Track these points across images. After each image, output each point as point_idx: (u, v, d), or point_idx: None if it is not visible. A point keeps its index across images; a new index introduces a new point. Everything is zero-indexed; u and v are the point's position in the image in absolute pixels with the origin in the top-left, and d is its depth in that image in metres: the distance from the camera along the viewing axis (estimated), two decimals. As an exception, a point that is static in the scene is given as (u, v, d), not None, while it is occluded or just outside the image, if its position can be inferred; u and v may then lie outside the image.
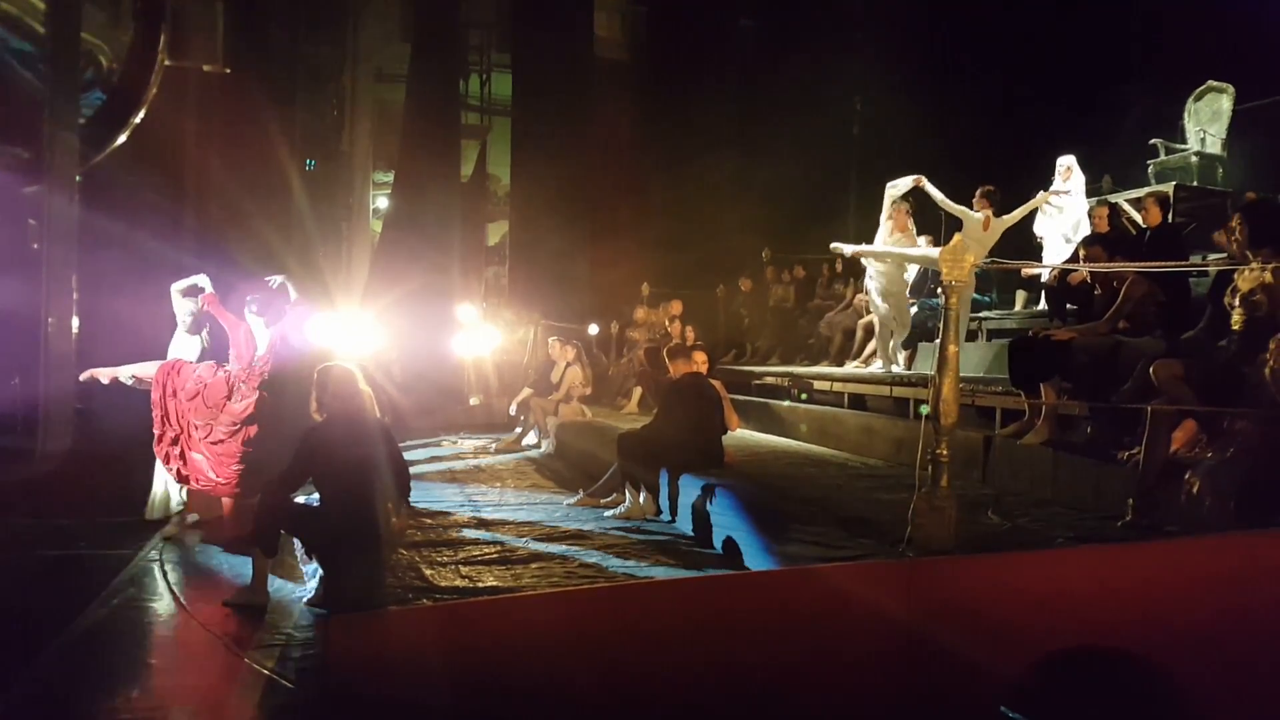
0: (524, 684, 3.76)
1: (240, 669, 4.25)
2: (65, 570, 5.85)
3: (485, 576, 4.69)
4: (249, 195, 10.15)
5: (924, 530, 4.25)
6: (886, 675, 3.97)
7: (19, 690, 3.98)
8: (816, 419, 8.44)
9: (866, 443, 7.44)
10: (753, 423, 9.05)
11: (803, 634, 3.98)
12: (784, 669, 3.92)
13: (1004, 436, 6.03)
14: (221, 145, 10.06)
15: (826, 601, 4.09)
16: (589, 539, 5.56)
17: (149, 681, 4.18)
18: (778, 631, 3.99)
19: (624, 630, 3.97)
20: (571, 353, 10.49)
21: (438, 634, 3.92)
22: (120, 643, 4.62)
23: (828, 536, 4.65)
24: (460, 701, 3.70)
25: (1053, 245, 8.75)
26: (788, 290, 12.58)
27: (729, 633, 3.98)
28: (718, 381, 6.96)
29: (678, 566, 4.93)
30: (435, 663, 3.81)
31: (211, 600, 5.21)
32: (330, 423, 5.21)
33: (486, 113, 22.17)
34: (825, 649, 3.97)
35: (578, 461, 8.73)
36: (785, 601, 4.13)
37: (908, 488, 4.60)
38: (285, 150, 12.09)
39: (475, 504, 6.78)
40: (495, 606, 4.15)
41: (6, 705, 3.83)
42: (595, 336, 13.08)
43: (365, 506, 4.97)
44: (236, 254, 9.55)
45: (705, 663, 3.88)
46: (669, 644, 3.93)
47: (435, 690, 3.73)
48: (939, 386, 4.32)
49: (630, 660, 3.89)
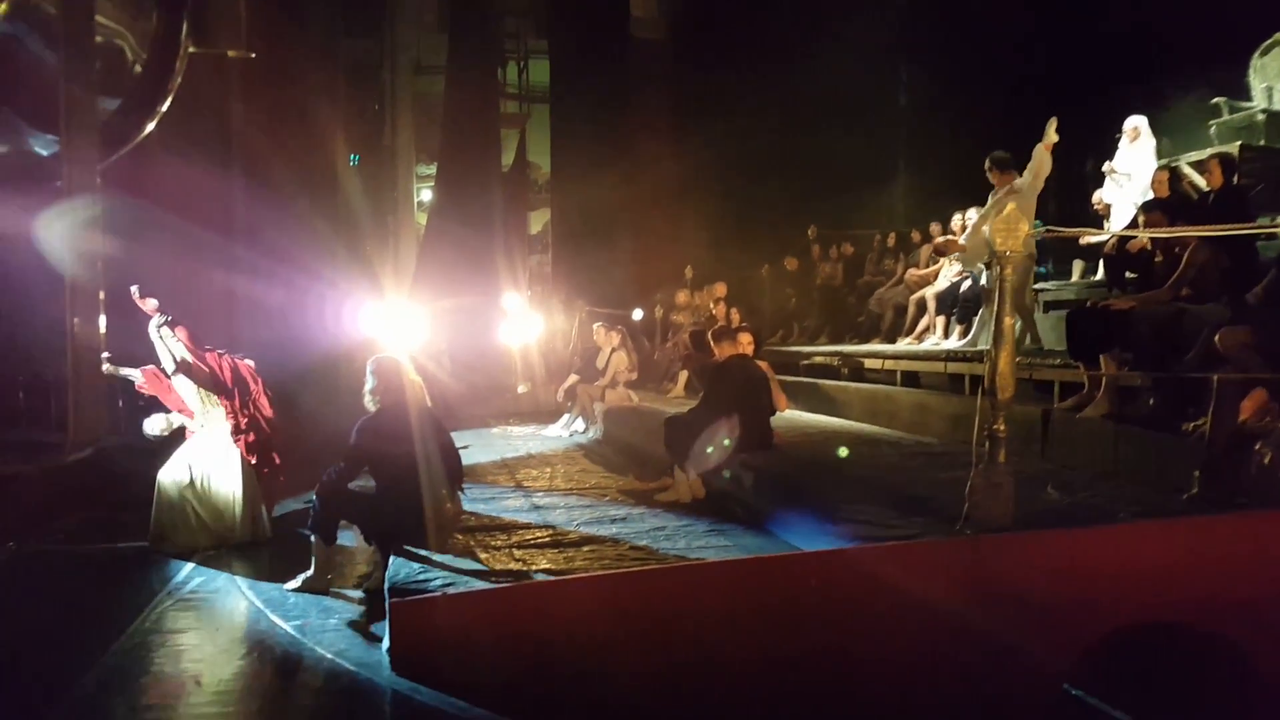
0: (578, 665, 3.78)
1: (304, 653, 4.33)
2: (138, 562, 6.02)
3: (538, 560, 4.71)
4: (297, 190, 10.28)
5: (982, 507, 4.17)
6: (945, 655, 3.91)
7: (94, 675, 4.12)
8: (868, 398, 8.34)
9: (920, 420, 7.33)
10: (802, 403, 8.97)
11: (858, 615, 3.94)
12: (839, 650, 3.89)
13: (1063, 410, 5.90)
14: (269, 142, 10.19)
15: (882, 582, 4.04)
16: (638, 522, 5.55)
17: (216, 666, 4.27)
18: (832, 612, 3.95)
19: (676, 611, 3.96)
20: (616, 338, 10.48)
21: (495, 616, 3.95)
22: (188, 630, 4.75)
23: (882, 516, 4.58)
24: (517, 682, 3.73)
25: (1121, 213, 8.47)
26: (835, 268, 12.43)
27: (781, 614, 3.95)
28: (764, 362, 6.90)
29: (728, 549, 4.90)
30: (493, 644, 3.84)
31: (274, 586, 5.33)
32: (383, 413, 5.29)
33: (525, 101, 22.21)
34: (881, 630, 3.93)
35: (625, 446, 8.73)
36: (839, 582, 4.09)
37: (964, 465, 4.51)
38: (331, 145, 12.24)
39: (526, 489, 6.81)
40: (550, 589, 4.16)
41: (82, 690, 3.95)
42: (639, 321, 13.05)
43: (418, 493, 5.04)
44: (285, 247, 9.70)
45: (758, 643, 3.86)
46: (721, 625, 3.92)
47: (493, 671, 3.76)
48: (995, 360, 4.23)
49: (683, 641, 3.88)
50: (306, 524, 5.32)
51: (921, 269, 10.09)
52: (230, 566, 5.91)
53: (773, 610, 3.93)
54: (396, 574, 4.48)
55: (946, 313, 9.00)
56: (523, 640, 3.86)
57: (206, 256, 9.36)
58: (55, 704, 3.80)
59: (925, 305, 9.41)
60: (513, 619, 3.94)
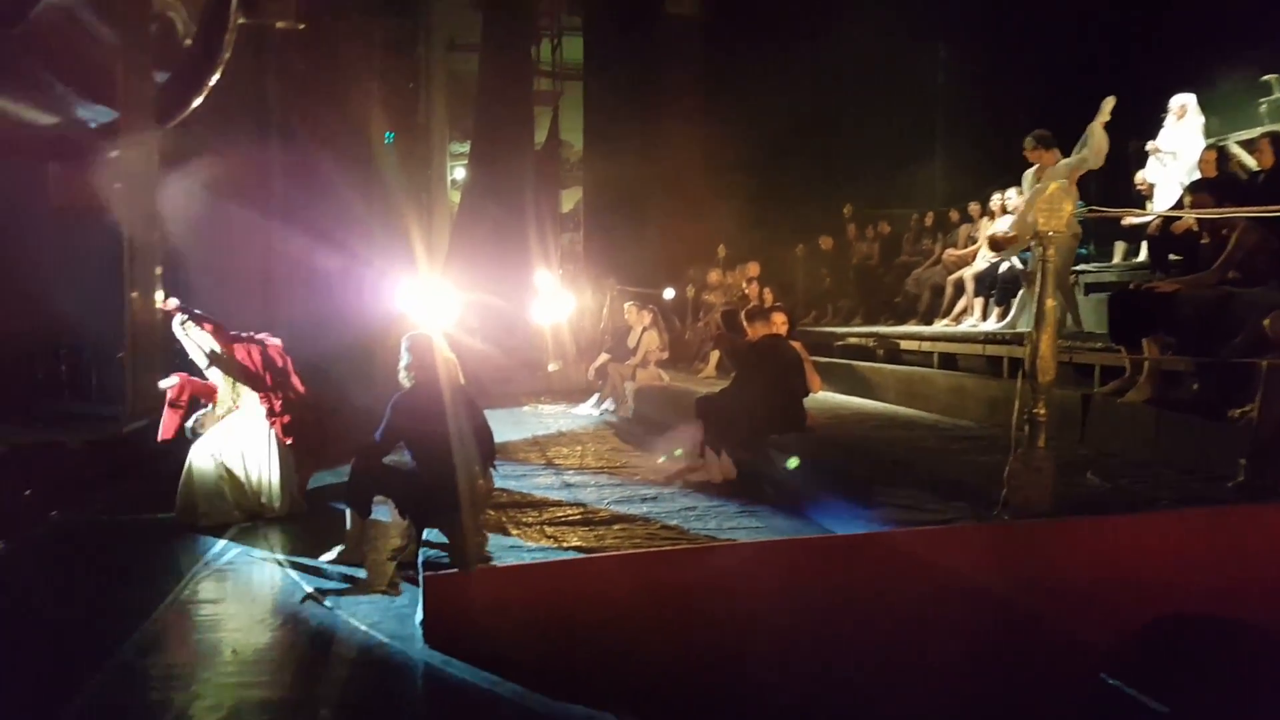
0: (608, 642, 3.78)
1: (338, 625, 4.37)
2: (176, 533, 6.11)
3: (569, 537, 4.71)
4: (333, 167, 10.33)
5: (1020, 492, 4.11)
6: (981, 641, 3.87)
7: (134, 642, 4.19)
8: (904, 380, 8.26)
9: (958, 403, 7.24)
10: (836, 385, 8.90)
11: (892, 599, 3.91)
12: (872, 634, 3.86)
13: (1103, 395, 5.80)
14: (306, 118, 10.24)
15: (916, 566, 4.00)
16: (669, 502, 5.53)
17: (251, 636, 4.32)
18: (866, 597, 3.92)
19: (708, 591, 3.95)
20: (648, 317, 10.44)
21: (526, 592, 3.96)
22: (224, 600, 4.81)
23: (917, 499, 4.54)
24: (547, 657, 3.74)
25: (1165, 194, 8.28)
26: (872, 247, 12.29)
27: (813, 596, 3.93)
28: (798, 343, 6.84)
29: (760, 530, 4.87)
30: (524, 619, 3.85)
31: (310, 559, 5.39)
32: (417, 389, 5.32)
33: (558, 78, 22.13)
34: (915, 614, 3.89)
35: (656, 426, 8.71)
36: (872, 565, 4.06)
37: (1002, 449, 4.46)
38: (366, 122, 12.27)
39: (557, 467, 6.82)
40: (581, 566, 4.16)
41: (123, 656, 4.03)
42: (671, 300, 13.00)
43: (452, 470, 5.06)
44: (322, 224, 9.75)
45: (790, 626, 3.84)
46: (753, 606, 3.90)
47: (524, 646, 3.78)
48: (1036, 343, 4.16)
49: (715, 622, 3.87)
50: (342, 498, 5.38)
51: (960, 249, 9.95)
52: (266, 539, 5.99)
53: (805, 593, 3.90)
54: (429, 547, 4.51)
55: (985, 294, 8.87)
56: (554, 616, 3.87)
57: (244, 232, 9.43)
58: (97, 669, 3.87)
59: (963, 286, 9.28)
60: (544, 594, 3.96)
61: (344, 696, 3.67)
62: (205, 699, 3.63)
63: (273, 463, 6.43)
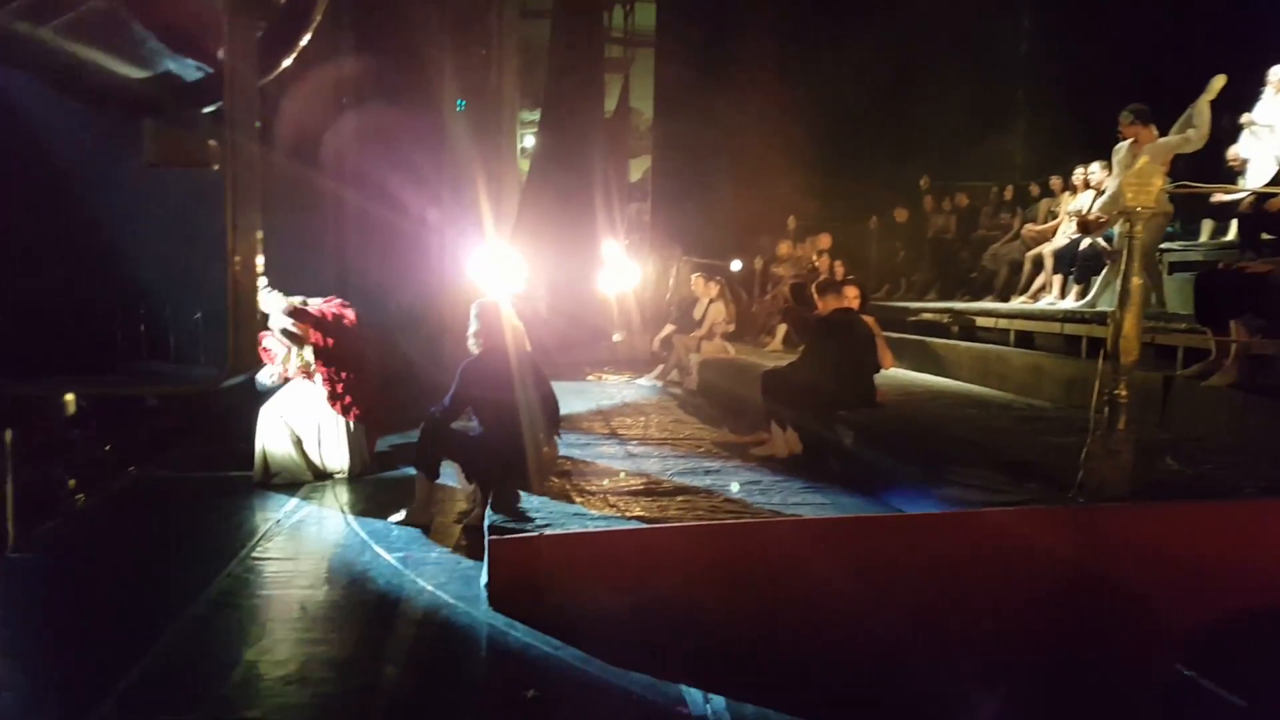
0: (671, 612, 3.78)
1: (405, 585, 4.46)
2: (249, 491, 6.30)
3: (632, 507, 4.72)
4: (405, 134, 10.41)
5: (1097, 475, 3.99)
6: (1051, 628, 3.79)
7: (207, 595, 4.34)
8: (979, 357, 8.07)
9: (1033, 383, 7.06)
10: (908, 361, 8.74)
11: (959, 581, 3.84)
12: (937, 616, 3.80)
13: (1186, 377, 5.59)
14: (378, 84, 10.32)
15: (987, 547, 3.93)
16: (733, 475, 5.51)
17: (321, 593, 4.44)
18: (932, 577, 3.86)
19: (772, 566, 3.92)
20: (715, 289, 10.38)
21: (590, 559, 3.99)
22: (295, 558, 4.95)
23: (989, 480, 4.43)
24: (610, 624, 3.76)
25: (1260, 169, 7.89)
26: (948, 220, 11.99)
27: (878, 576, 3.87)
28: (870, 317, 6.73)
29: (825, 506, 4.82)
30: (587, 586, 3.88)
31: (378, 520, 5.52)
32: (484, 356, 5.38)
33: (630, 45, 22.00)
34: (983, 597, 3.82)
35: (720, 398, 8.68)
36: (941, 545, 3.99)
37: (1078, 431, 4.34)
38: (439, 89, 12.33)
39: (620, 437, 6.84)
40: (645, 536, 4.17)
41: (197, 609, 4.18)
42: (738, 272, 12.89)
43: (518, 435, 5.12)
44: (393, 192, 9.86)
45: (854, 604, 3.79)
46: (816, 583, 3.86)
47: (586, 613, 3.80)
48: (1120, 322, 4.02)
49: (775, 597, 3.85)
50: (410, 461, 5.48)
51: (1039, 224, 9.67)
52: (336, 498, 6.14)
53: (871, 572, 3.85)
54: (495, 512, 4.56)
55: (1064, 271, 8.61)
56: (617, 584, 3.89)
57: (316, 198, 9.57)
58: (172, 621, 4.01)
59: (1042, 263, 9.02)
60: (608, 562, 3.97)
61: (409, 656, 3.75)
62: (274, 654, 3.73)
63: (339, 428, 6.58)
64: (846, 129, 14.44)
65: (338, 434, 6.58)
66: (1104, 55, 11.06)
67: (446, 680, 3.58)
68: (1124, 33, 11.08)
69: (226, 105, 1.60)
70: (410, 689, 3.48)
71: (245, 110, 1.59)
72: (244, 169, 1.69)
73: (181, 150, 1.96)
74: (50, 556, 4.70)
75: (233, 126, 1.54)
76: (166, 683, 3.49)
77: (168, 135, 1.80)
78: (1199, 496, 4.13)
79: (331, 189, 9.84)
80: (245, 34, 2.23)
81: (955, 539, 3.98)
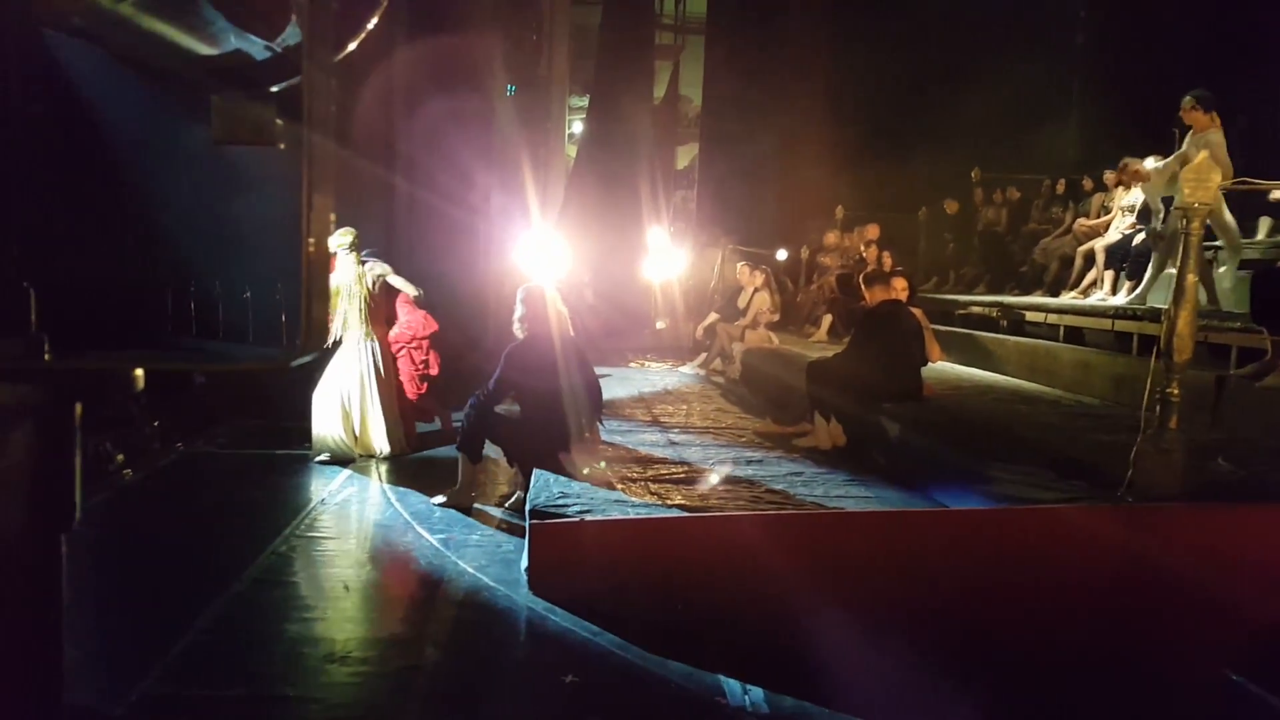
0: (710, 601, 3.79)
1: (446, 566, 4.52)
2: (294, 469, 6.41)
3: (673, 495, 4.73)
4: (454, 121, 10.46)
5: (1147, 474, 3.93)
6: (1096, 628, 3.74)
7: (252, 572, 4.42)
8: (1028, 353, 7.95)
9: (1082, 380, 6.94)
10: (955, 355, 8.64)
11: (1005, 581, 3.80)
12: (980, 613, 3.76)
13: (1240, 377, 5.46)
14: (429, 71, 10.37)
15: (1032, 544, 3.89)
16: (775, 465, 5.49)
17: (364, 572, 4.51)
18: (975, 573, 3.83)
19: (814, 558, 3.91)
20: (760, 278, 10.33)
21: (630, 545, 4.00)
22: (339, 537, 5.03)
23: (1036, 476, 4.38)
24: (648, 611, 3.78)
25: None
26: (999, 213, 11.80)
27: (921, 570, 3.85)
28: (918, 310, 6.65)
29: (868, 500, 4.79)
30: (627, 573, 3.90)
31: (421, 500, 5.59)
32: (529, 341, 5.41)
33: (680, 31, 21.89)
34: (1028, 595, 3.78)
35: (763, 388, 8.65)
36: (986, 541, 3.95)
37: (1127, 429, 4.27)
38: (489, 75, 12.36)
39: (662, 425, 6.85)
40: (686, 524, 4.18)
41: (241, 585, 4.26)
42: (783, 262, 12.81)
43: (561, 420, 5.15)
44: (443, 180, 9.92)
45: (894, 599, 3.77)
46: (855, 577, 3.85)
47: (625, 599, 3.83)
48: (1174, 319, 3.95)
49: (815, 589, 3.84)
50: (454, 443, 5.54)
51: (1092, 219, 9.47)
52: (381, 478, 6.23)
53: (914, 567, 3.83)
54: (537, 496, 4.60)
55: (1116, 267, 8.43)
56: (656, 572, 3.90)
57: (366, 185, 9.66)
58: (218, 597, 4.08)
59: (1093, 258, 8.84)
60: (648, 549, 3.99)
61: (449, 638, 3.79)
62: (316, 632, 3.79)
63: (378, 407, 6.67)
64: (896, 119, 14.24)
65: (374, 413, 6.68)
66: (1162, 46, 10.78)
67: (486, 663, 3.61)
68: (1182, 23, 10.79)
69: (304, 82, 1.61)
70: (450, 671, 3.52)
71: (321, 88, 1.61)
72: (319, 149, 1.71)
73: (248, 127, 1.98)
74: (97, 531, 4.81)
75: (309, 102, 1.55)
76: (210, 658, 3.55)
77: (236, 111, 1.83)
78: (1251, 498, 4.04)
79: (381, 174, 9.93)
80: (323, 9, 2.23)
81: (1001, 535, 3.94)
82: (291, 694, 3.29)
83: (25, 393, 1.56)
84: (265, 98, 1.84)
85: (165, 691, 3.26)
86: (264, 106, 1.86)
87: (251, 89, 1.84)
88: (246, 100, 1.91)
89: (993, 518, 4.04)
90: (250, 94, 1.85)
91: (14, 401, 1.56)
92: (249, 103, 1.89)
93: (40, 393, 1.58)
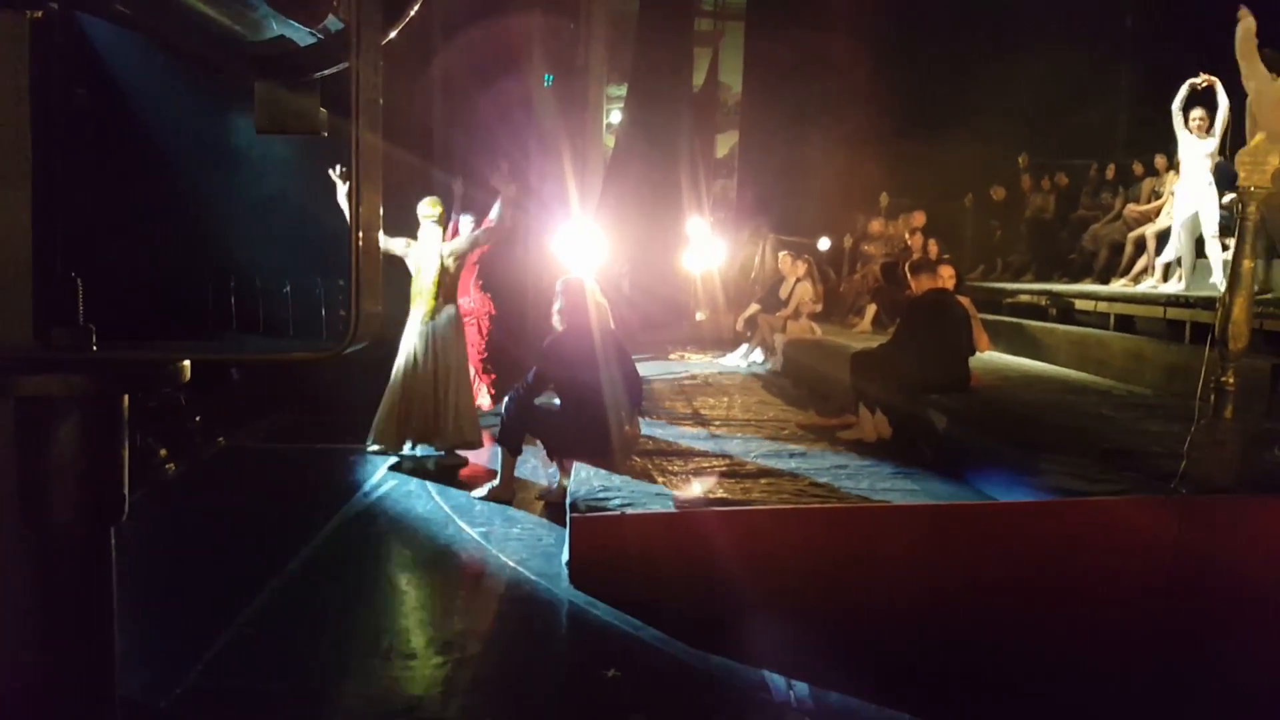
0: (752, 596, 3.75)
1: (488, 560, 4.53)
2: (337, 462, 6.46)
3: (715, 488, 4.70)
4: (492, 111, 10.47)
5: (1201, 465, 3.82)
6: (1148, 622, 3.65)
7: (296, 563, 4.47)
8: (1077, 341, 7.80)
9: (1134, 369, 6.78)
10: (1004, 344, 8.49)
11: (1054, 574, 3.72)
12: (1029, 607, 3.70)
13: (1300, 366, 5.30)
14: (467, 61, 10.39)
15: (1082, 537, 3.80)
16: (819, 459, 5.43)
17: (406, 566, 4.54)
18: (1027, 567, 3.75)
19: (859, 553, 3.86)
20: (802, 268, 10.22)
21: (672, 539, 3.98)
22: (382, 530, 5.07)
23: (1086, 468, 4.28)
24: (690, 605, 3.76)
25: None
26: (1047, 199, 11.56)
27: (968, 565, 3.78)
28: (965, 299, 6.53)
29: (915, 493, 4.71)
30: (669, 566, 3.87)
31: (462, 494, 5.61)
32: (568, 333, 5.39)
33: (719, 19, 21.75)
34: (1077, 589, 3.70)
35: (805, 380, 8.57)
36: (1035, 534, 3.87)
37: (1181, 419, 4.15)
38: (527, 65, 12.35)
39: (703, 418, 6.80)
40: (729, 518, 4.14)
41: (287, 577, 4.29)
42: (826, 251, 12.67)
43: (601, 413, 5.13)
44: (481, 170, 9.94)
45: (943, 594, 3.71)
46: (902, 572, 3.79)
47: (667, 593, 3.80)
48: (1229, 306, 3.83)
49: (860, 585, 3.79)
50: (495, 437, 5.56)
51: (1142, 204, 9.26)
52: (423, 471, 6.25)
53: (961, 561, 3.76)
54: (578, 490, 4.59)
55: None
56: (698, 565, 3.87)
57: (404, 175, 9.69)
58: (261, 590, 4.08)
59: (1144, 244, 8.65)
60: (690, 543, 3.96)
61: (492, 631, 3.81)
62: (360, 625, 3.82)
63: (455, 387, 6.43)
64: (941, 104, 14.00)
65: (449, 394, 6.39)
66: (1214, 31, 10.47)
67: (529, 656, 3.62)
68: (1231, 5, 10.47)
69: (352, 74, 1.60)
70: (492, 664, 3.52)
71: (370, 78, 1.60)
72: (368, 141, 1.70)
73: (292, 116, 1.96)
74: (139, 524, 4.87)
75: (359, 94, 1.54)
76: (254, 651, 3.57)
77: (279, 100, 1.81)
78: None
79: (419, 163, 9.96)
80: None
81: (1052, 528, 3.86)
82: (335, 687, 3.31)
83: (75, 383, 1.57)
84: (309, 86, 1.83)
85: (210, 684, 3.29)
86: (308, 95, 1.85)
87: (294, 77, 1.82)
88: (289, 89, 1.90)
89: (1044, 510, 3.96)
90: (293, 82, 1.83)
91: (64, 392, 1.57)
92: (292, 91, 1.88)
93: (89, 383, 1.58)
